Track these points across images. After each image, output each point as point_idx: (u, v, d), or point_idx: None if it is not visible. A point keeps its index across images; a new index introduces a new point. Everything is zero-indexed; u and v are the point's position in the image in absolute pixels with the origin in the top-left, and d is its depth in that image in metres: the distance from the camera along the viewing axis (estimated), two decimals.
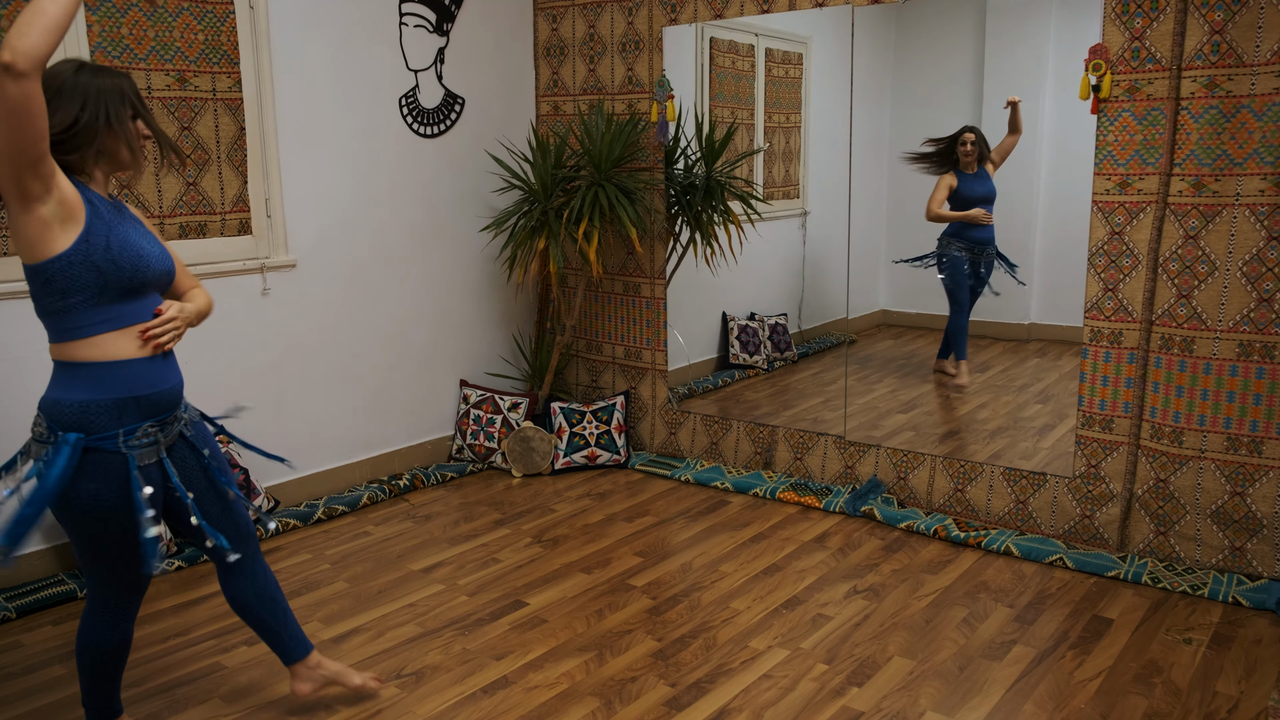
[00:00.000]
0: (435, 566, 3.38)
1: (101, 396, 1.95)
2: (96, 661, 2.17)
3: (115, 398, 1.96)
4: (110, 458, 1.96)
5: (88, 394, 1.94)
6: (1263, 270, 2.99)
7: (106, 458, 1.95)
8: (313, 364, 3.93)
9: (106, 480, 1.96)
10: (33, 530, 1.93)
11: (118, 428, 1.96)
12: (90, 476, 1.94)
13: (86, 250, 1.91)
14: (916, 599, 3.07)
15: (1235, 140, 2.98)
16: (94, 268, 1.92)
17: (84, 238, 1.91)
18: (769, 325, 4.90)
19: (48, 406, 1.96)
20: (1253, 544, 3.10)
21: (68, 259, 1.89)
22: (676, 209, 4.40)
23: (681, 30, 4.24)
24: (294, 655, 2.41)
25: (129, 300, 1.99)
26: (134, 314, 2.01)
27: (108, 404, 1.95)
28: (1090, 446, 3.37)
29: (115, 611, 2.14)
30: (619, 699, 2.53)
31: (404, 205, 4.20)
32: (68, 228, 1.89)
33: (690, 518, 3.81)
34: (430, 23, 4.21)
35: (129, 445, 1.98)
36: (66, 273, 1.90)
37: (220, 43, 3.51)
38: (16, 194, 1.82)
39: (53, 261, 1.89)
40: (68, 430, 1.93)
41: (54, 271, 1.89)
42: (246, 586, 2.31)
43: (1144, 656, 2.71)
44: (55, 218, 1.87)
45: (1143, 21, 3.08)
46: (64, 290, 1.91)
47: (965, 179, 4.17)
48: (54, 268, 1.89)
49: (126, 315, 1.99)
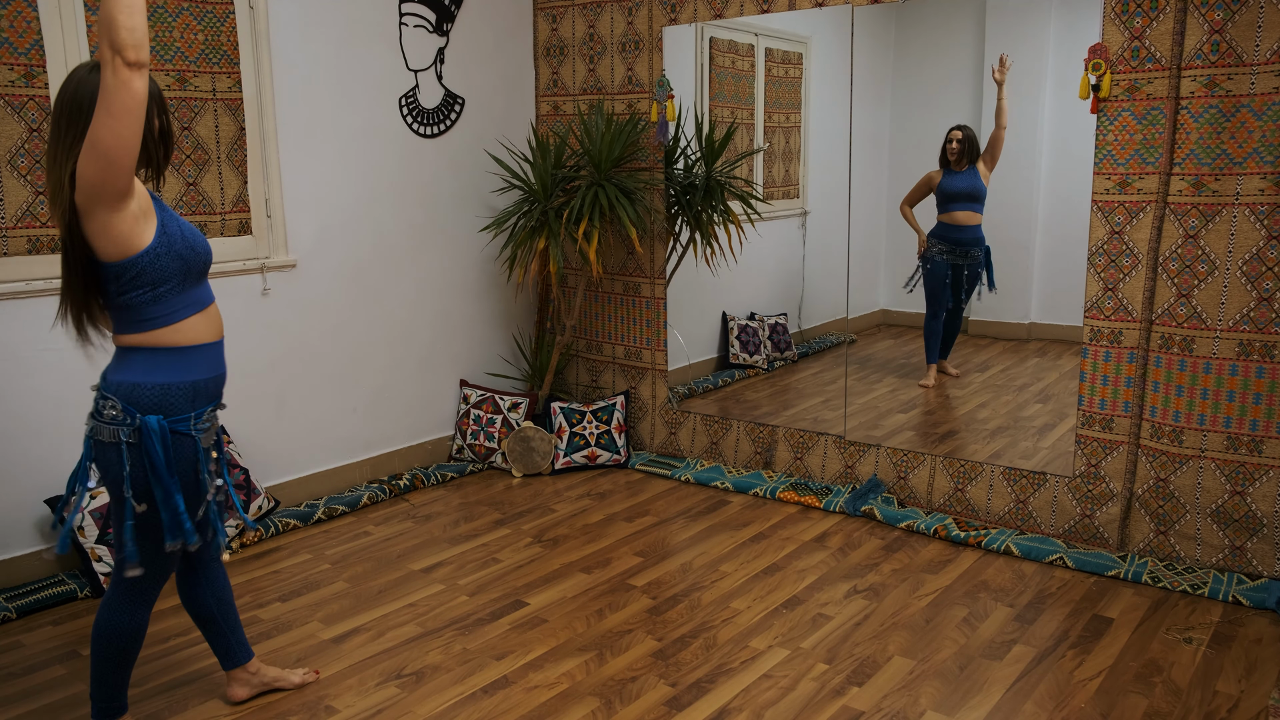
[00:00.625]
0: (435, 566, 3.38)
1: (181, 379, 2.05)
2: (112, 648, 2.19)
3: (192, 381, 2.06)
4: (183, 440, 2.06)
5: (168, 377, 2.03)
6: (1262, 269, 2.99)
7: (180, 440, 2.05)
8: (313, 364, 3.93)
9: (183, 461, 2.06)
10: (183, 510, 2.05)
11: (190, 410, 2.07)
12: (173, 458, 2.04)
13: (168, 241, 2.02)
14: (917, 598, 3.07)
15: (1235, 140, 2.98)
16: (178, 257, 2.03)
17: (162, 229, 2.02)
18: (769, 325, 4.90)
19: (125, 390, 2.02)
20: (1253, 543, 3.10)
21: (155, 251, 1.99)
22: (676, 209, 4.40)
23: (681, 30, 4.24)
24: (238, 659, 2.47)
25: (200, 284, 2.12)
26: (205, 297, 2.13)
27: (185, 387, 2.06)
28: (1090, 446, 3.37)
29: (140, 595, 2.18)
30: (619, 699, 2.53)
31: (404, 205, 4.20)
32: (149, 220, 2.00)
33: (690, 517, 3.81)
34: (430, 23, 4.21)
35: (197, 428, 2.09)
36: (156, 264, 2.00)
37: (220, 43, 3.51)
38: (118, 190, 1.90)
39: (144, 254, 1.98)
40: (147, 413, 2.01)
41: (146, 264, 1.98)
42: (207, 587, 2.37)
43: (1144, 656, 2.71)
44: (140, 212, 1.97)
45: (1142, 21, 3.08)
46: (154, 281, 2.00)
47: (950, 175, 4.18)
48: (145, 260, 1.98)
49: (201, 299, 2.12)
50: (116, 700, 2.27)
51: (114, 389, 2.03)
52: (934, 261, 4.30)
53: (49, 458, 3.22)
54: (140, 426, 2.01)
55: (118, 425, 2.01)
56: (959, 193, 4.18)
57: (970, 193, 4.17)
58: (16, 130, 3.07)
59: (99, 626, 2.19)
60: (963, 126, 4.14)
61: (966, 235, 4.20)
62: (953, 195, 4.19)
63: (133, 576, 2.13)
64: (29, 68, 3.07)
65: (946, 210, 4.21)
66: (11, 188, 3.09)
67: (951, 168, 4.18)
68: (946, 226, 4.23)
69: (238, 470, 3.54)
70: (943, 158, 4.20)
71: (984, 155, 4.14)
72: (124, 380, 2.03)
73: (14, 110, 3.06)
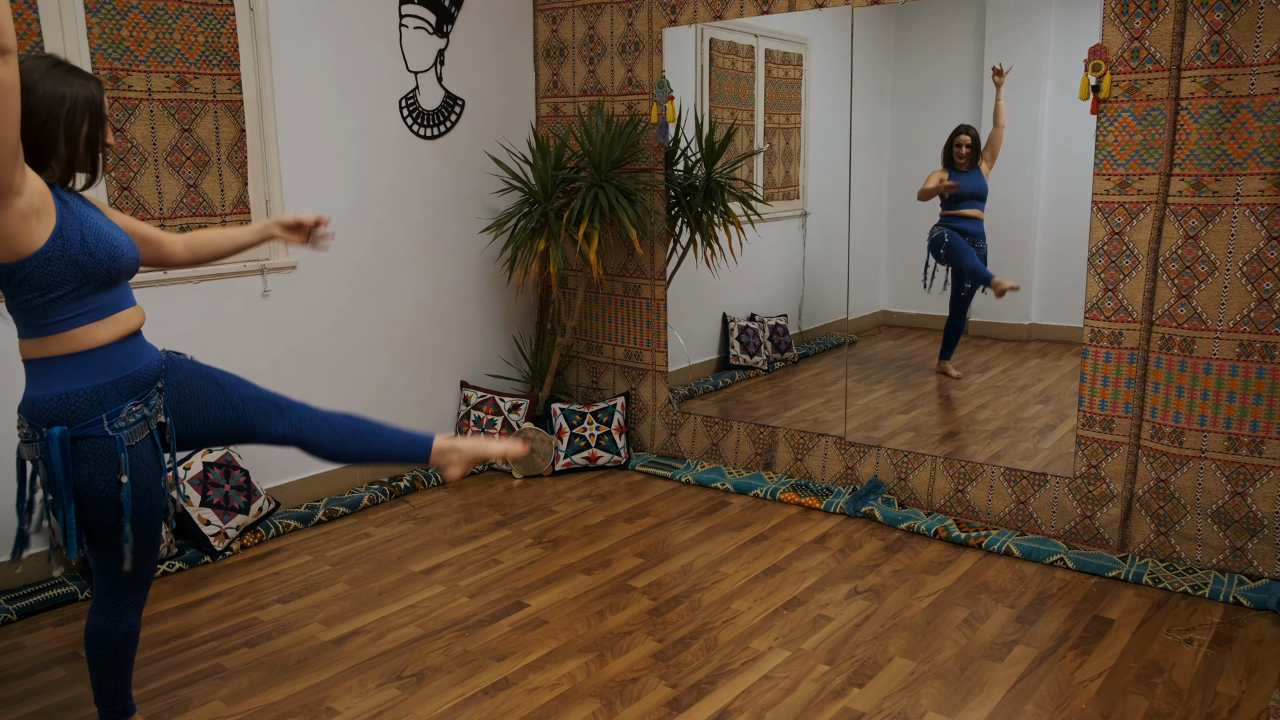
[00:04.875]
0: (436, 568, 3.38)
1: (81, 386, 1.95)
2: (103, 655, 2.17)
3: (94, 385, 1.96)
4: (98, 443, 1.96)
5: (65, 386, 1.94)
6: (1263, 270, 2.99)
7: (94, 444, 1.96)
8: (313, 365, 3.93)
9: (98, 466, 1.96)
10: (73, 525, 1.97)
11: (100, 412, 1.96)
12: (81, 464, 1.95)
13: (63, 245, 1.89)
14: (917, 599, 3.07)
15: (1235, 140, 2.98)
16: (72, 262, 1.90)
17: (58, 232, 1.89)
18: (769, 326, 4.90)
19: (26, 406, 1.96)
20: (1253, 544, 3.10)
21: (45, 255, 1.87)
22: (676, 210, 4.40)
23: (681, 31, 4.24)
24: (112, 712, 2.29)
25: (107, 291, 1.99)
26: (111, 303, 2.01)
27: (88, 392, 1.95)
28: (1091, 447, 3.37)
29: (119, 602, 2.14)
30: (620, 700, 2.53)
31: (404, 207, 4.20)
32: (43, 221, 1.87)
33: (691, 519, 3.81)
34: (430, 24, 4.21)
35: (115, 428, 1.98)
36: (45, 269, 1.88)
37: (220, 45, 3.52)
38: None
39: (31, 258, 1.86)
40: (50, 425, 1.93)
41: (33, 268, 1.87)
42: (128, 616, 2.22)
43: (1145, 657, 2.71)
44: (31, 210, 1.84)
45: (1142, 22, 3.08)
46: (44, 287, 1.89)
47: (956, 175, 4.18)
48: (32, 264, 1.86)
49: (105, 305, 1.99)
50: (121, 703, 2.25)
51: (21, 409, 1.97)
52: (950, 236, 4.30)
53: None
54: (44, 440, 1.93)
55: (30, 443, 1.96)
56: (966, 193, 4.19)
57: (977, 193, 4.19)
58: None
59: (89, 634, 2.17)
60: (968, 128, 4.13)
61: (973, 227, 4.22)
62: (960, 195, 4.20)
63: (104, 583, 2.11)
64: None
65: (953, 208, 4.22)
66: None
67: (957, 168, 4.18)
68: (952, 219, 4.24)
69: (239, 471, 3.54)
70: (947, 158, 4.19)
71: (984, 153, 4.14)
72: (26, 396, 1.96)
73: None
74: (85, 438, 1.95)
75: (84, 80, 1.94)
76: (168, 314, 3.45)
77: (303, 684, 2.64)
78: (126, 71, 3.30)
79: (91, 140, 1.96)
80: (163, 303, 3.44)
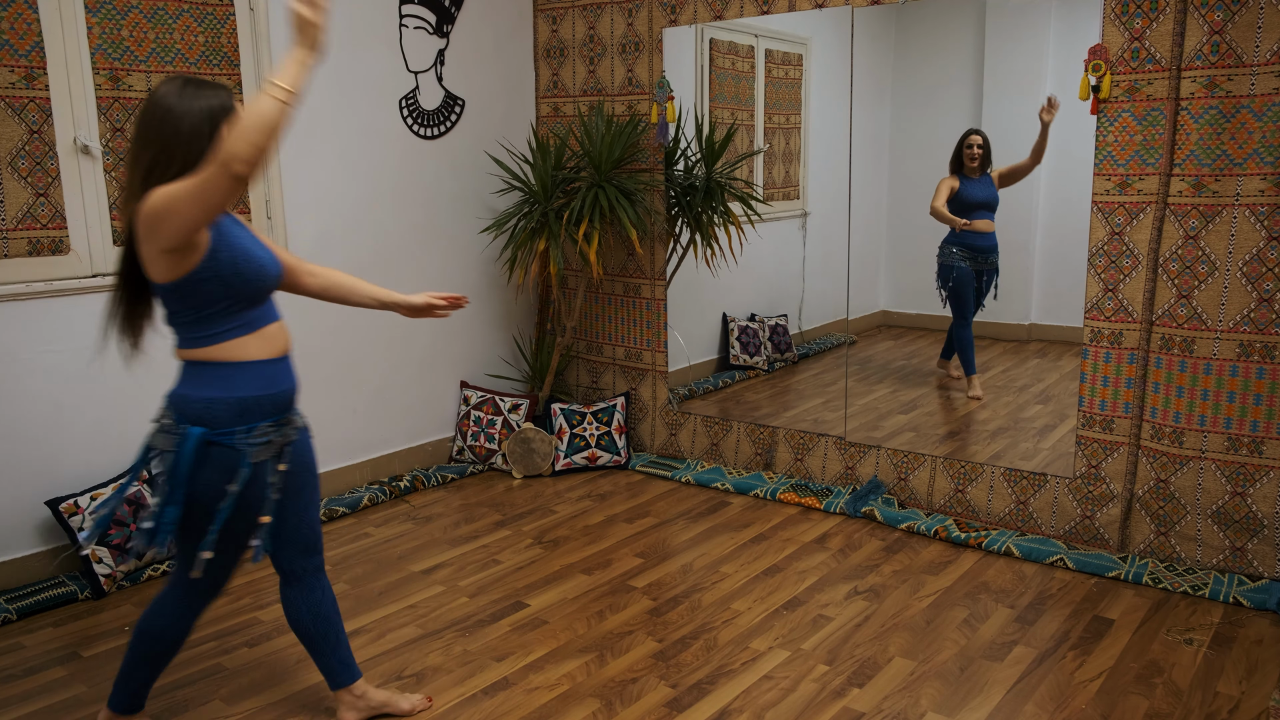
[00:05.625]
0: (436, 568, 3.38)
1: (226, 395, 2.05)
2: (150, 649, 2.24)
3: (239, 396, 2.06)
4: (226, 452, 2.05)
5: (214, 392, 2.05)
6: (1263, 270, 2.99)
7: (223, 452, 2.05)
8: (313, 365, 3.92)
9: (218, 472, 2.05)
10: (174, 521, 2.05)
11: (238, 425, 2.06)
12: (205, 467, 2.04)
13: (215, 266, 2.00)
14: (917, 600, 3.07)
15: (1235, 140, 2.98)
16: (223, 281, 2.01)
17: (211, 254, 1.99)
18: (769, 326, 4.90)
19: (175, 401, 2.07)
20: (1253, 544, 3.10)
21: (198, 276, 1.98)
22: (676, 210, 4.40)
23: (681, 31, 4.24)
24: (339, 681, 2.40)
25: (254, 306, 2.10)
26: (259, 318, 2.11)
27: (231, 402, 2.05)
28: (1091, 447, 3.37)
29: (186, 605, 2.23)
30: (620, 700, 2.53)
31: (404, 207, 4.20)
32: (198, 246, 1.97)
33: (691, 519, 3.81)
34: (430, 24, 4.21)
35: (246, 443, 2.07)
36: (199, 289, 1.99)
37: (221, 44, 3.52)
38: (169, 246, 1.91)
39: (186, 279, 1.98)
40: (192, 424, 2.04)
41: (188, 289, 1.99)
42: (302, 601, 2.34)
43: (1145, 657, 2.71)
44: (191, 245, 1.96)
45: (1142, 22, 3.08)
46: (197, 305, 2.01)
47: (967, 183, 4.12)
48: (187, 285, 1.98)
49: (253, 320, 2.10)
50: (138, 697, 2.31)
51: (168, 400, 2.09)
52: (958, 268, 4.23)
53: (49, 460, 3.22)
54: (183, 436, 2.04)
55: (169, 434, 2.06)
56: (978, 202, 4.11)
57: (988, 202, 4.10)
58: (17, 132, 3.08)
59: (140, 625, 2.24)
60: (979, 131, 4.09)
61: (985, 242, 4.15)
62: (971, 204, 4.12)
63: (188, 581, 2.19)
64: (29, 69, 3.08)
65: (965, 218, 4.16)
66: (12, 189, 3.09)
67: (967, 174, 4.11)
68: (965, 234, 4.17)
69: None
70: (957, 163, 4.13)
71: (1003, 175, 4.07)
72: (174, 392, 2.09)
73: (15, 112, 3.06)
74: (217, 444, 2.05)
75: (214, 90, 2.02)
76: None
77: (303, 684, 2.64)
78: (127, 71, 3.30)
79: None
80: None
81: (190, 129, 1.95)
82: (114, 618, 3.02)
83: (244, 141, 1.82)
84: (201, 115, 1.96)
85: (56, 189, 3.17)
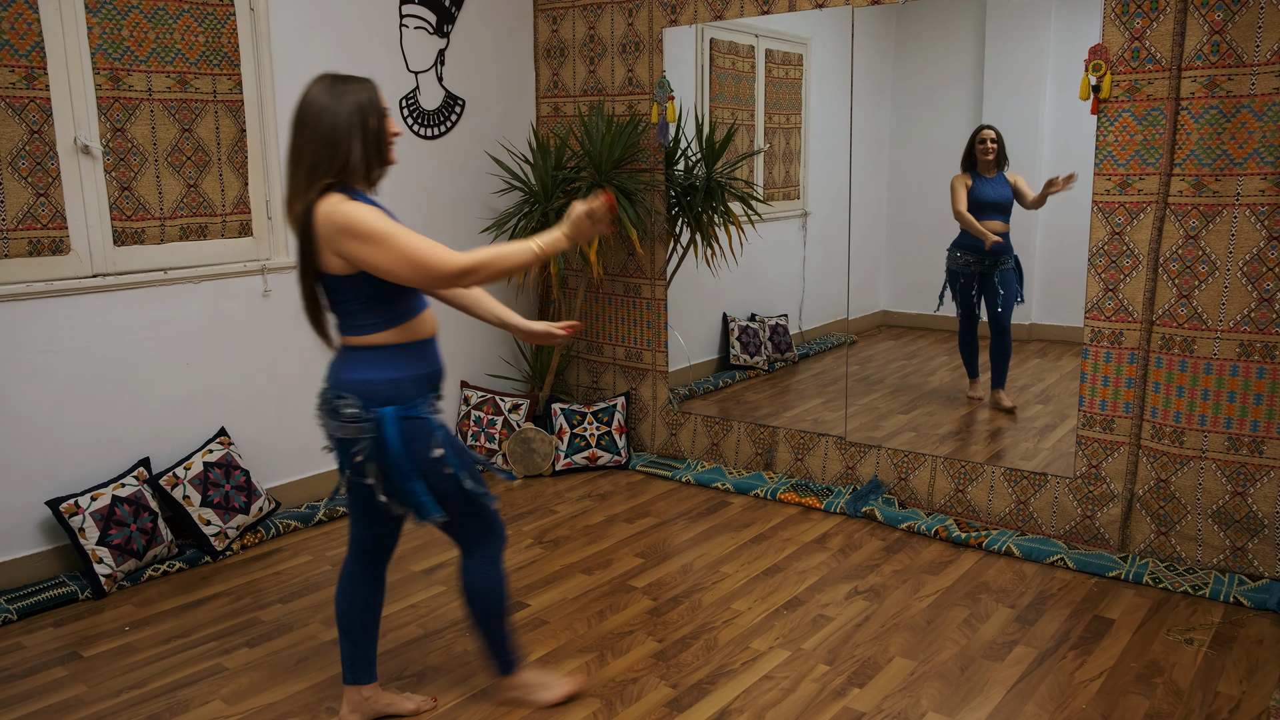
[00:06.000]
0: (436, 568, 3.38)
1: (407, 373, 2.19)
2: (488, 603, 2.38)
3: (414, 375, 2.20)
4: (419, 424, 2.19)
5: (396, 372, 2.17)
6: (1263, 270, 2.99)
7: (416, 424, 2.18)
8: (313, 365, 3.91)
9: (422, 442, 2.18)
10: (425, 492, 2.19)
11: (419, 397, 2.20)
12: (410, 440, 2.17)
13: None
14: (917, 599, 3.07)
15: (1235, 140, 2.98)
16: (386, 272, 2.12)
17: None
18: (769, 326, 4.90)
19: (358, 386, 2.16)
20: (1254, 544, 3.10)
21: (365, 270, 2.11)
22: (677, 210, 4.40)
23: (681, 31, 4.24)
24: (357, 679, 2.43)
25: (414, 295, 2.23)
26: (419, 304, 2.25)
27: (411, 379, 2.19)
28: (1091, 447, 3.37)
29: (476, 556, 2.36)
30: (620, 700, 2.53)
31: (404, 207, 4.19)
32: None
33: (691, 519, 3.81)
34: (430, 24, 4.21)
35: (430, 413, 2.22)
36: (365, 280, 2.12)
37: (221, 45, 3.52)
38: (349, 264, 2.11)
39: (355, 274, 2.11)
40: (381, 405, 2.15)
41: (361, 277, 2.12)
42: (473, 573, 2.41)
43: (1145, 657, 2.71)
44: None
45: (1143, 22, 3.08)
46: (369, 293, 2.14)
47: (980, 181, 4.02)
48: (354, 279, 2.12)
49: (415, 306, 2.23)
50: (512, 652, 2.46)
51: (348, 387, 2.17)
52: (963, 274, 4.12)
53: (50, 460, 3.22)
54: (377, 419, 2.14)
55: (358, 421, 2.15)
56: (990, 202, 3.99)
57: (1001, 203, 3.97)
58: (18, 132, 3.08)
59: (471, 592, 2.37)
60: (992, 126, 3.99)
61: (997, 245, 4.05)
62: (984, 204, 4.01)
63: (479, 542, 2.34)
64: (30, 69, 3.08)
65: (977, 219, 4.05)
66: (13, 189, 3.09)
67: (980, 172, 4.00)
68: (973, 237, 4.10)
69: (239, 472, 3.54)
70: (969, 160, 4.04)
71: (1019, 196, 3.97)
72: (357, 378, 2.17)
73: (15, 112, 3.06)
74: (409, 419, 2.17)
75: (360, 85, 2.13)
76: (168, 314, 3.46)
77: (303, 684, 2.64)
78: (127, 71, 3.30)
79: (380, 135, 2.16)
80: (163, 302, 3.44)
81: (345, 122, 2.08)
82: (114, 617, 3.02)
83: (490, 268, 2.09)
84: (352, 109, 2.09)
85: (57, 189, 3.17)
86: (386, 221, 2.08)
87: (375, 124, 2.14)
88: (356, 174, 2.14)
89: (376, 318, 2.17)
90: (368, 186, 2.20)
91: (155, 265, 3.42)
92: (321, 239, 2.09)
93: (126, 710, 2.51)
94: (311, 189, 2.09)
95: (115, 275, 3.32)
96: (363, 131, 2.11)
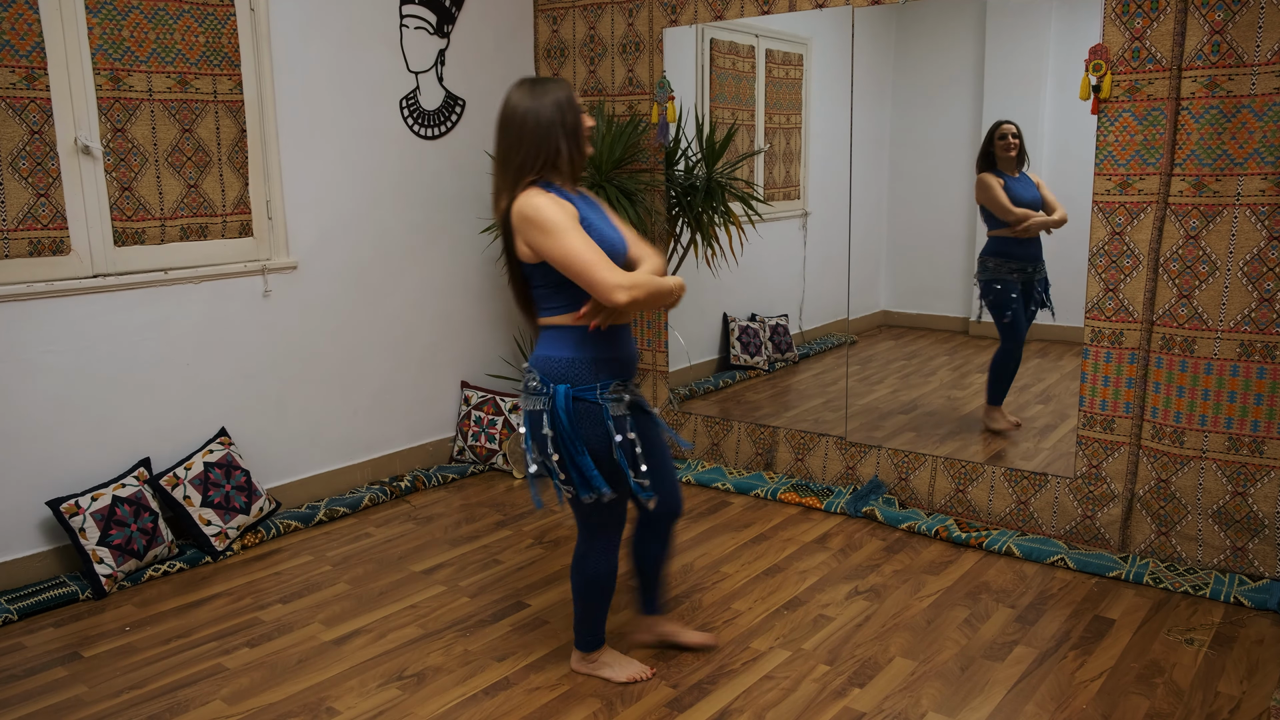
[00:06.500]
0: (437, 568, 3.38)
1: (582, 355, 2.32)
2: (593, 590, 2.53)
3: (591, 357, 2.33)
4: (590, 406, 2.32)
5: (572, 352, 2.32)
6: (1263, 270, 2.99)
7: (589, 407, 2.32)
8: (314, 365, 3.93)
9: (592, 425, 2.32)
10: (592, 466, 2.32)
11: (594, 381, 2.32)
12: (581, 422, 2.31)
13: None
14: (918, 599, 3.07)
15: (1236, 140, 2.98)
16: None
17: None
18: (770, 326, 4.90)
19: (540, 363, 2.35)
20: (1254, 544, 3.10)
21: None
22: (677, 210, 4.40)
23: (682, 31, 4.24)
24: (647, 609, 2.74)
25: None
26: None
27: (587, 361, 2.32)
28: (1091, 447, 3.37)
29: (603, 543, 2.49)
30: (620, 700, 2.53)
31: (405, 207, 4.20)
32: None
33: (691, 519, 3.81)
34: (431, 24, 4.21)
35: (604, 398, 2.32)
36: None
37: (221, 45, 3.52)
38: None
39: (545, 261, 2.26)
40: (557, 382, 2.31)
41: (548, 266, 2.26)
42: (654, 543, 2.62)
43: (1146, 657, 2.71)
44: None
45: (1143, 22, 3.08)
46: (557, 278, 2.28)
47: (1011, 181, 3.83)
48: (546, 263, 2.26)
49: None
50: (598, 633, 2.62)
51: (534, 362, 2.36)
52: (1004, 283, 3.88)
53: (51, 459, 3.22)
54: (552, 394, 2.30)
55: (537, 395, 2.32)
56: (1025, 203, 3.80)
57: (1034, 203, 3.78)
58: (18, 132, 3.08)
59: (578, 577, 2.52)
60: (1011, 121, 3.83)
61: (1033, 250, 3.86)
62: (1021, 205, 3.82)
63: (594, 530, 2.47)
64: (30, 70, 3.08)
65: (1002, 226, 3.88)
66: (13, 190, 3.09)
67: (1004, 170, 3.82)
68: (1011, 242, 3.87)
69: (240, 471, 3.54)
70: (988, 159, 3.89)
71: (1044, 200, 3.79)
72: (539, 355, 2.36)
73: (15, 112, 3.06)
74: (581, 399, 2.31)
75: (556, 84, 2.30)
76: (168, 314, 3.46)
77: (303, 684, 2.64)
78: (127, 72, 3.30)
79: (578, 129, 2.31)
80: (163, 303, 3.44)
81: (547, 120, 2.25)
82: (114, 618, 3.02)
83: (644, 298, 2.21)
84: (553, 108, 2.26)
85: (57, 189, 3.18)
86: (565, 219, 2.20)
87: (574, 119, 2.29)
88: (560, 168, 2.29)
89: (562, 300, 2.31)
90: (570, 180, 2.33)
91: (155, 265, 3.42)
92: (516, 228, 2.27)
93: (127, 710, 2.52)
94: (517, 185, 2.27)
95: (115, 275, 3.32)
96: (563, 127, 2.27)
